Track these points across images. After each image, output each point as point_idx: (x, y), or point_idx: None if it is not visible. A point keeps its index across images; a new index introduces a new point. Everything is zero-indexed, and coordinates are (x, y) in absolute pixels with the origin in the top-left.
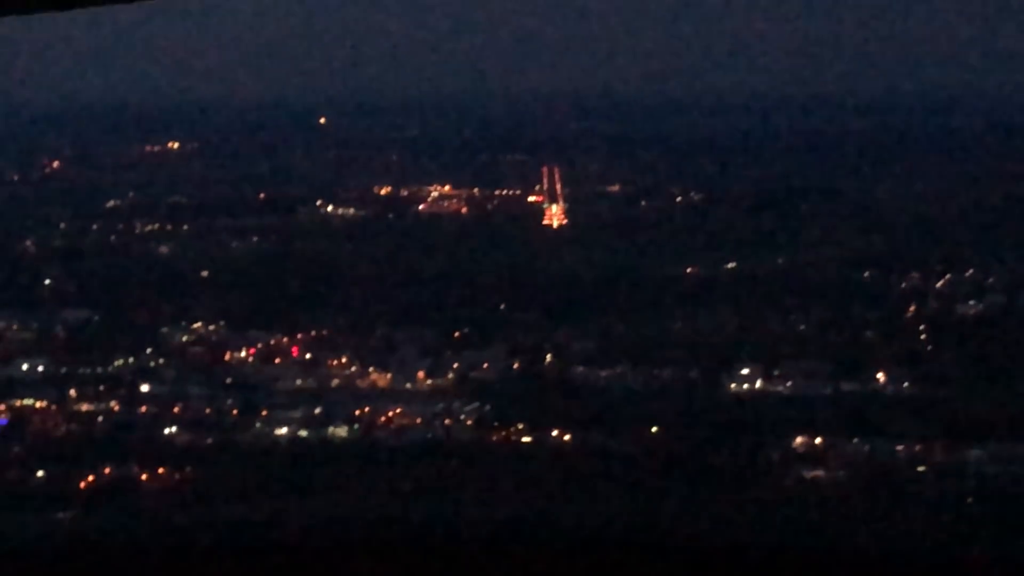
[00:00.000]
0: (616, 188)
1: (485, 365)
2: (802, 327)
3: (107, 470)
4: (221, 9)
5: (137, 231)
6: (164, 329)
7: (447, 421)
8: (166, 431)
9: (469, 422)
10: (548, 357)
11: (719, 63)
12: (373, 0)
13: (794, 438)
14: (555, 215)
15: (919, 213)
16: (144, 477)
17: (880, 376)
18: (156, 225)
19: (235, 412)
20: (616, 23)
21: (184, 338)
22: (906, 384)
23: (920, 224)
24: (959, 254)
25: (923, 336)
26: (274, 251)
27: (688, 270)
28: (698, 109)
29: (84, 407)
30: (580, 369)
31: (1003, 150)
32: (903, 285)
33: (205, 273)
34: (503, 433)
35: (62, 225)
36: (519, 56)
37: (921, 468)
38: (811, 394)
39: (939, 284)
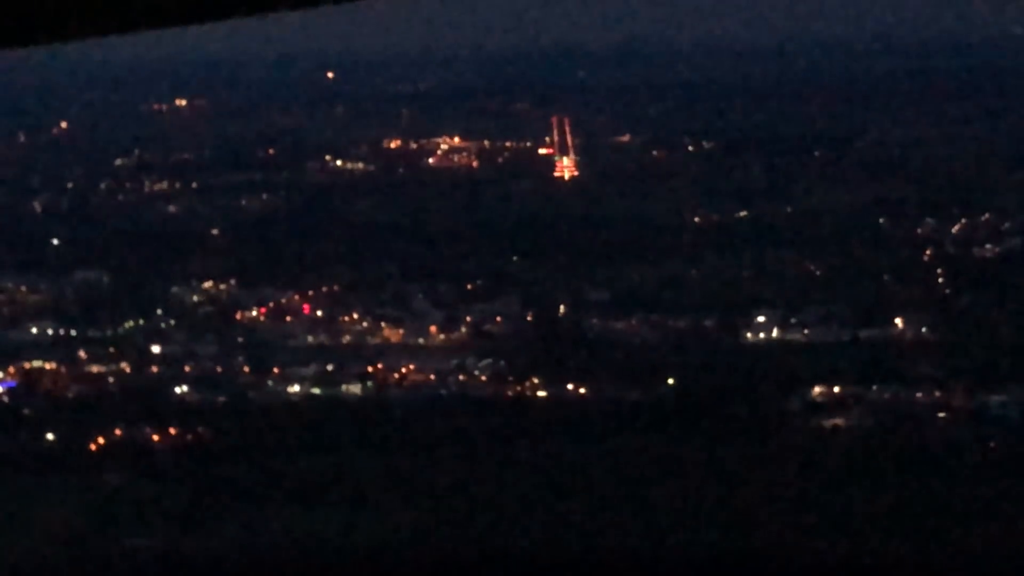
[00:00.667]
0: (627, 138)
1: (498, 318)
2: (818, 273)
3: (118, 431)
4: None
5: (146, 189)
6: (174, 289)
7: (461, 377)
8: (177, 391)
9: (483, 378)
10: (562, 309)
11: (728, 10)
12: None
13: (813, 387)
14: (566, 166)
15: (933, 157)
16: (156, 438)
17: (898, 321)
18: (164, 183)
19: (247, 370)
20: None
21: (195, 298)
22: (924, 329)
23: (934, 169)
24: (974, 198)
25: (940, 280)
26: (284, 207)
27: (701, 219)
28: (707, 57)
29: (95, 369)
30: (595, 321)
31: (1015, 92)
32: (919, 230)
33: (215, 231)
34: (518, 388)
35: (70, 185)
36: (524, 7)
37: (942, 415)
38: (829, 341)
39: (955, 228)
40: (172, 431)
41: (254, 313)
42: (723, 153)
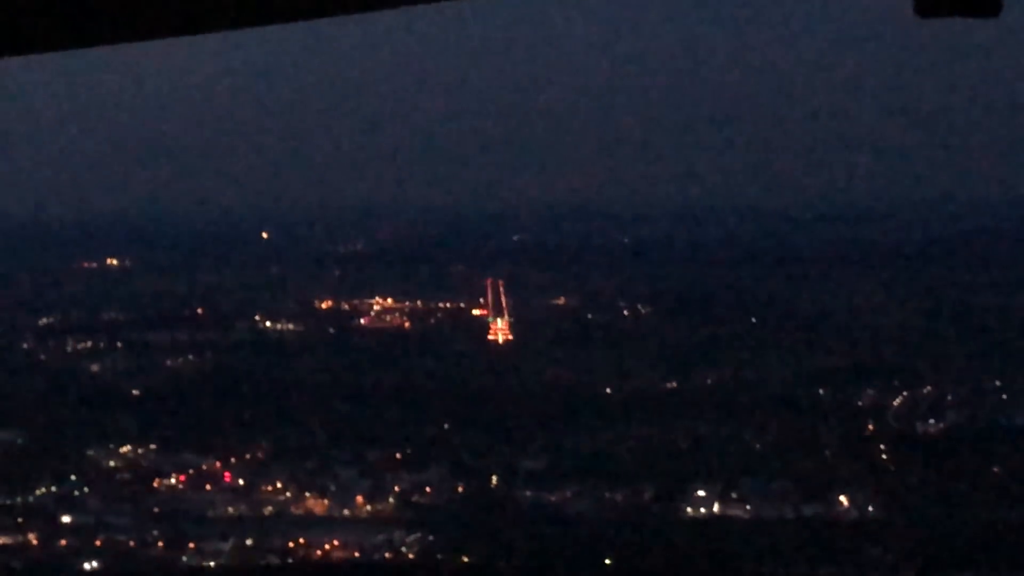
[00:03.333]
0: (562, 300)
1: (428, 489)
2: (757, 446)
3: None
4: (166, 123)
5: (69, 348)
6: (91, 452)
7: (387, 554)
8: (87, 566)
9: (411, 555)
10: (494, 479)
11: (664, 174)
12: (316, 114)
13: (758, 569)
14: (500, 329)
15: (873, 326)
16: None
17: (843, 499)
18: (89, 342)
19: (161, 544)
20: (555, 136)
21: (111, 463)
22: (870, 508)
23: (872, 338)
24: (916, 370)
25: (884, 456)
26: (209, 368)
27: (637, 386)
28: (643, 220)
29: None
30: (528, 492)
31: (953, 261)
32: (859, 402)
33: (136, 392)
34: (447, 568)
35: None
36: (457, 169)
37: None
38: (772, 517)
39: (896, 401)
40: None
41: (173, 480)
42: (660, 318)
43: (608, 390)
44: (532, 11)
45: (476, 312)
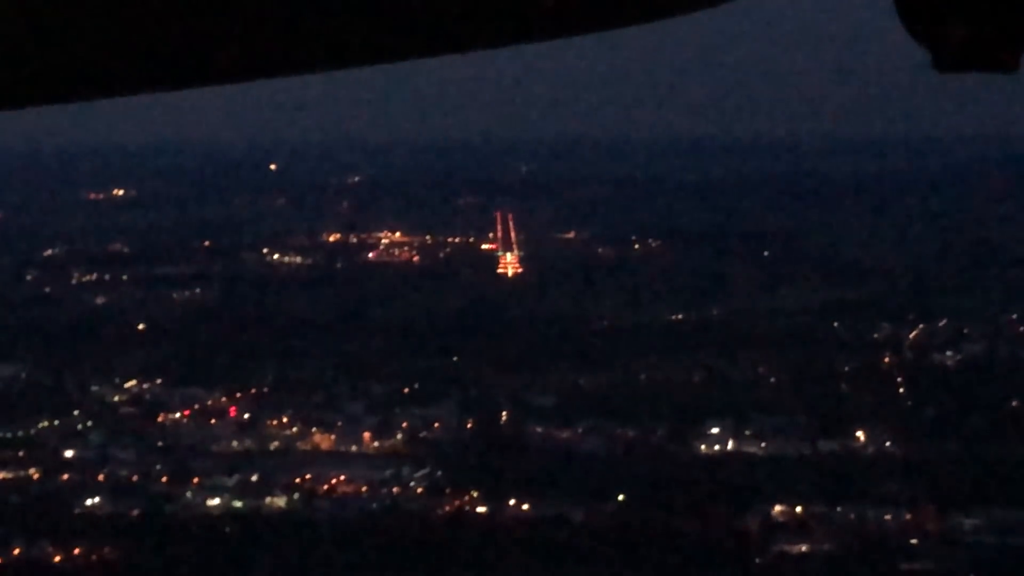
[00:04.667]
0: (572, 234)
1: (436, 424)
2: (772, 379)
3: (16, 550)
4: None
5: (74, 281)
6: (95, 387)
7: (395, 489)
8: (88, 502)
9: (419, 491)
10: (504, 415)
11: (676, 106)
12: None
13: (773, 506)
14: (509, 263)
15: (885, 258)
16: (57, 559)
17: (860, 434)
18: (94, 275)
19: (164, 479)
20: (564, 67)
21: (116, 397)
22: (888, 443)
23: (887, 270)
24: (931, 301)
25: (901, 389)
26: (216, 301)
27: (648, 320)
28: (653, 152)
29: (0, 475)
30: (538, 429)
31: (969, 193)
32: (875, 335)
33: (142, 326)
34: (455, 503)
35: None
36: (467, 100)
37: (914, 540)
38: (787, 454)
39: (913, 334)
40: (76, 550)
41: (178, 415)
42: (670, 251)
43: (619, 325)
44: None
45: (485, 246)
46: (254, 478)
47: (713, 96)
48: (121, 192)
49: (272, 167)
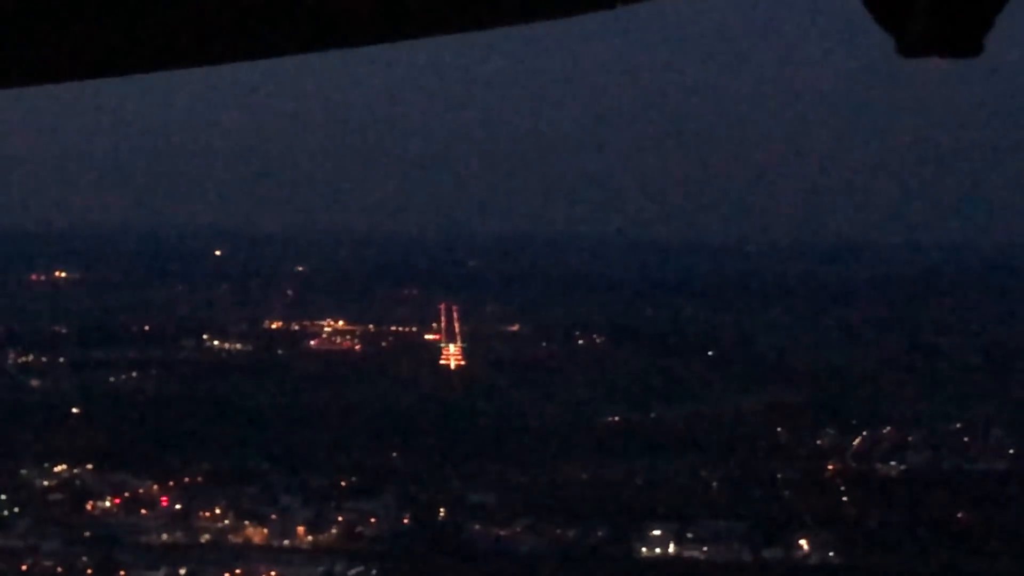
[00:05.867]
0: (516, 327)
1: (372, 519)
2: (714, 484)
3: None
4: (121, 137)
5: (10, 362)
6: (24, 471)
7: None
8: None
9: None
10: (442, 511)
11: (622, 206)
12: (270, 132)
13: None
14: (452, 354)
15: (831, 364)
16: None
17: (803, 542)
18: (31, 357)
19: (89, 572)
20: (508, 163)
21: (45, 482)
22: (831, 553)
23: (831, 376)
24: (874, 409)
25: (844, 499)
26: (152, 387)
27: (591, 419)
28: (599, 249)
29: None
30: (477, 526)
31: (912, 300)
32: (818, 441)
33: (76, 410)
34: None
35: None
36: (414, 193)
37: None
38: (729, 561)
39: (856, 441)
40: None
41: (107, 503)
42: (614, 347)
43: (561, 422)
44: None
45: (429, 337)
46: (182, 572)
47: (660, 197)
48: (64, 275)
49: (217, 253)
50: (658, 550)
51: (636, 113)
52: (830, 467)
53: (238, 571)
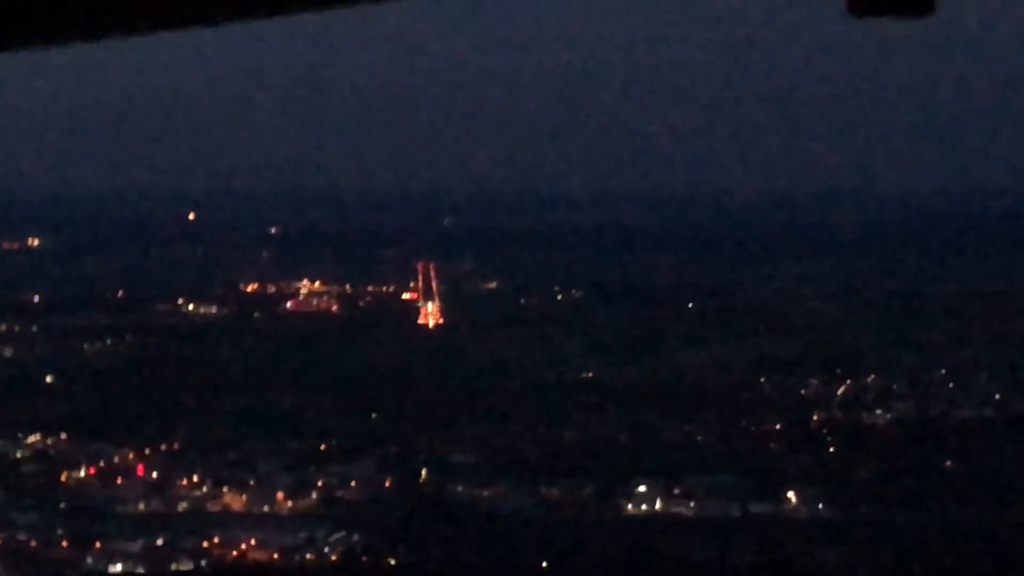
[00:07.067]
0: (493, 285)
1: (353, 483)
2: (699, 438)
3: None
4: (95, 99)
5: None
6: None
7: (308, 555)
8: None
9: (334, 557)
10: (423, 473)
11: (600, 157)
12: (247, 94)
13: (706, 572)
14: (430, 313)
15: (813, 312)
16: None
17: (791, 495)
18: (3, 326)
19: (65, 544)
20: (486, 121)
21: (18, 453)
22: (820, 505)
23: (813, 325)
24: (858, 357)
25: (832, 449)
26: (127, 353)
27: (572, 374)
28: (577, 203)
29: None
30: (459, 488)
31: (895, 250)
32: (803, 391)
33: (50, 378)
34: (372, 568)
35: None
36: (388, 153)
37: None
38: (718, 515)
39: (841, 390)
40: None
41: (82, 474)
42: (594, 302)
43: (542, 380)
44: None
45: (406, 296)
46: (160, 542)
47: (638, 148)
48: (37, 242)
49: (190, 217)
50: (644, 506)
51: (609, 64)
52: (815, 418)
53: (216, 539)
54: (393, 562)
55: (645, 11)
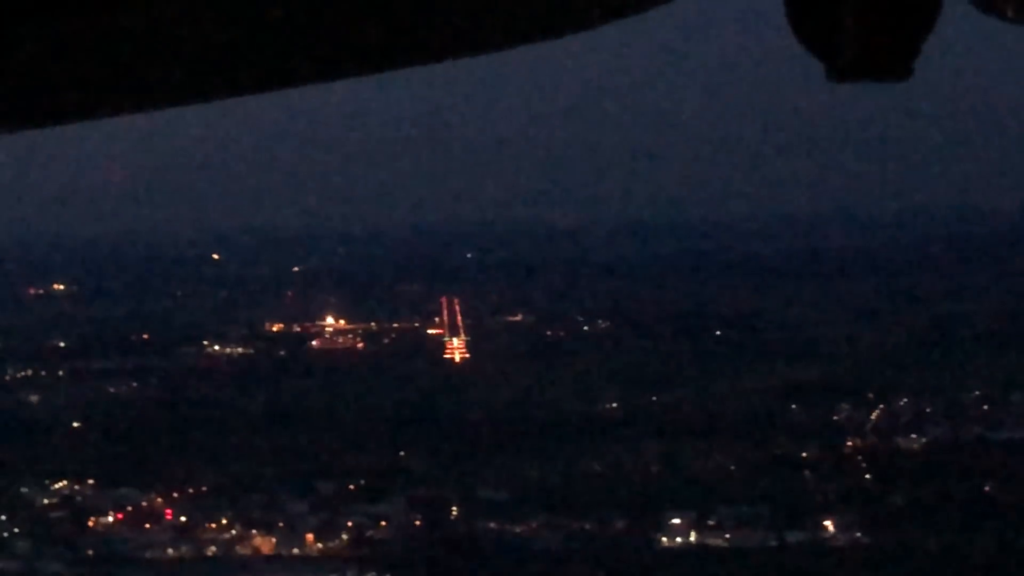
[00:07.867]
0: (518, 317)
1: (383, 523)
2: (732, 468)
3: None
4: (116, 145)
5: (7, 377)
6: (24, 489)
7: None
8: None
9: None
10: (454, 511)
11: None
12: (267, 133)
13: None
14: (456, 348)
15: (843, 338)
16: None
17: (828, 523)
18: (29, 371)
19: None
20: (505, 153)
21: (45, 500)
22: (859, 533)
23: (844, 350)
24: (889, 381)
25: (867, 475)
26: (153, 396)
27: (603, 405)
28: (599, 234)
29: None
30: (491, 524)
31: (923, 270)
32: (835, 417)
33: (76, 424)
34: None
35: None
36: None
37: None
38: (754, 545)
39: (874, 415)
40: None
41: (110, 519)
42: (620, 333)
43: (570, 412)
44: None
45: (431, 331)
46: None
47: (658, 176)
48: (62, 287)
49: (215, 257)
50: (679, 539)
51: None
52: (849, 443)
53: None
54: None
55: (655, 43)
